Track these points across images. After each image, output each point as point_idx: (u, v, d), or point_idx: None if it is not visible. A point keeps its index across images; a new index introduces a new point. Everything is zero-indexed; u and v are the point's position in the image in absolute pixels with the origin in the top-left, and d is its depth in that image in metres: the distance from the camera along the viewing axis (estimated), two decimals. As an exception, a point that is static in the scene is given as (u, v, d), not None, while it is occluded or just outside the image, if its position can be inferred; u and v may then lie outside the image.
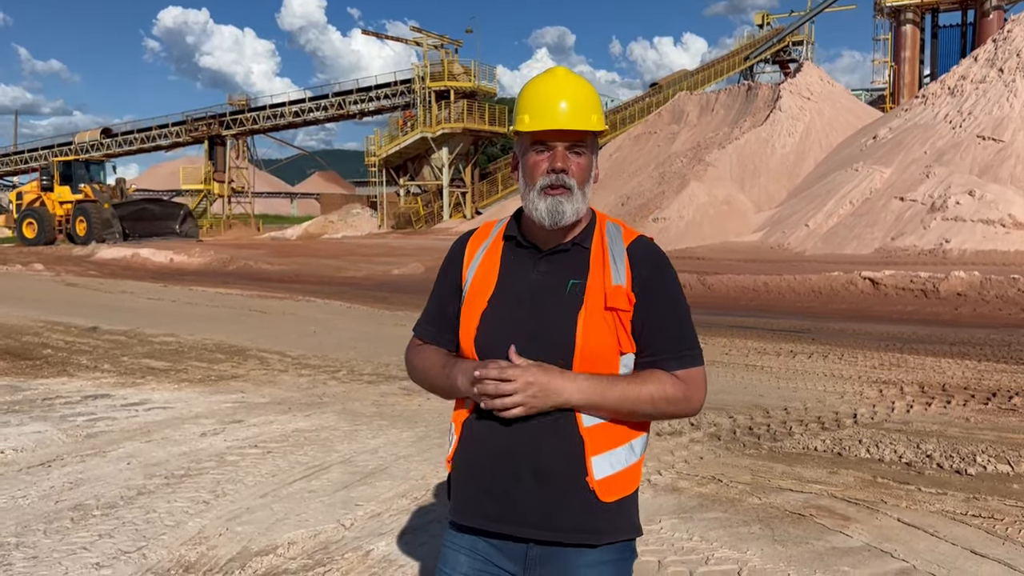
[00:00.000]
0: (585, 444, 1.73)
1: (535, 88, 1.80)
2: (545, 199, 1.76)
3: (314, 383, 7.84)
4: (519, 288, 1.80)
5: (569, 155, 1.77)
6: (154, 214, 38.99)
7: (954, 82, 27.85)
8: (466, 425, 1.82)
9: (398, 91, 44.72)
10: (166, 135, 50.88)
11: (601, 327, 1.73)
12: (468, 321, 1.82)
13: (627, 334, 1.75)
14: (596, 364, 1.73)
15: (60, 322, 12.24)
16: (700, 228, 27.02)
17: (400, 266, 23.37)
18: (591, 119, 1.77)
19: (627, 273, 1.77)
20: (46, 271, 24.32)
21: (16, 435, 5.88)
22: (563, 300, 1.76)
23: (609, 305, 1.74)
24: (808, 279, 15.66)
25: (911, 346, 9.46)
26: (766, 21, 55.06)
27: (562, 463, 1.72)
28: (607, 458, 1.74)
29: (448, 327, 1.89)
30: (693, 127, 39.05)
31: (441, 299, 1.93)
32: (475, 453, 1.79)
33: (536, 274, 1.81)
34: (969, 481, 4.77)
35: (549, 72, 1.83)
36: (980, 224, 20.43)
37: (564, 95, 1.76)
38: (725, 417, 6.26)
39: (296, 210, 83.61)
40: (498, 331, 1.77)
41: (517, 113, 1.81)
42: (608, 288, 1.75)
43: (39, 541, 3.93)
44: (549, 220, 1.76)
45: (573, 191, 1.76)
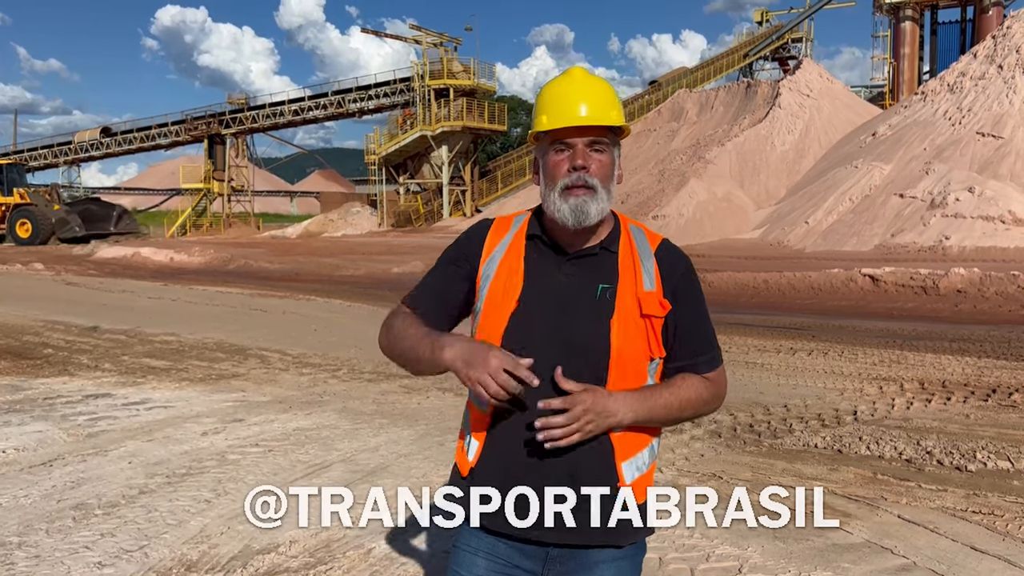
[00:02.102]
0: (615, 451, 1.72)
1: (553, 89, 1.77)
2: (568, 199, 1.72)
3: (315, 382, 7.85)
4: (546, 290, 1.76)
5: (590, 152, 1.73)
6: (96, 214, 41.08)
7: (953, 79, 27.83)
8: (489, 433, 1.77)
9: (397, 89, 44.64)
10: (165, 134, 50.79)
11: (634, 333, 1.72)
12: (497, 319, 1.75)
13: (656, 340, 1.74)
14: (627, 370, 1.72)
15: (61, 321, 12.25)
16: (700, 225, 27.02)
17: (400, 264, 23.36)
18: (610, 115, 1.74)
19: (657, 279, 1.75)
20: (46, 270, 24.32)
21: (17, 434, 5.89)
22: (593, 305, 1.73)
23: (645, 312, 1.72)
24: (808, 276, 15.67)
25: (911, 343, 9.47)
26: (765, 18, 54.97)
27: (596, 471, 1.71)
28: (634, 462, 1.75)
29: (445, 311, 1.84)
30: (692, 124, 39.03)
31: (446, 280, 1.85)
32: (502, 462, 1.75)
33: (562, 276, 1.77)
34: (969, 477, 4.78)
35: (566, 73, 1.81)
36: (980, 221, 20.44)
37: (582, 93, 1.74)
38: (725, 414, 6.26)
39: (296, 209, 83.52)
40: (527, 335, 1.72)
41: (535, 115, 1.78)
42: (641, 294, 1.73)
43: (41, 540, 3.93)
44: (573, 220, 1.72)
45: (596, 190, 1.72)
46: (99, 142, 52.80)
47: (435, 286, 1.87)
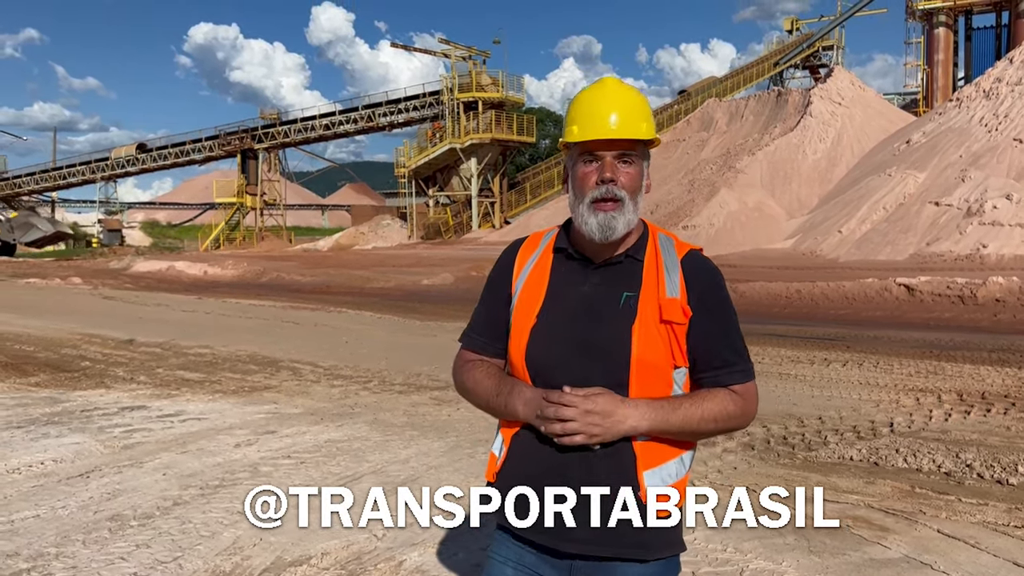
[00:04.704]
0: (637, 459, 1.71)
1: (584, 99, 1.78)
2: (596, 214, 1.73)
3: (346, 393, 7.89)
4: (570, 301, 1.78)
5: (619, 165, 1.75)
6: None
7: (989, 85, 27.42)
8: (516, 439, 1.79)
9: (427, 103, 44.95)
10: (199, 149, 51.60)
11: (656, 340, 1.71)
12: (519, 335, 1.79)
13: (680, 348, 1.73)
14: (650, 378, 1.71)
15: (97, 335, 12.46)
16: (731, 235, 26.83)
17: (430, 276, 23.46)
18: (640, 128, 1.75)
19: (681, 286, 1.74)
20: (83, 284, 24.77)
21: (55, 446, 5.98)
22: (617, 313, 1.74)
23: (664, 318, 1.72)
24: (842, 286, 15.48)
25: (948, 353, 9.30)
26: (795, 26, 54.64)
27: (615, 478, 1.70)
28: (658, 472, 1.73)
29: (498, 336, 1.87)
30: (723, 134, 38.82)
31: (490, 308, 1.90)
32: (526, 467, 1.77)
33: (588, 286, 1.78)
34: (1011, 491, 4.67)
35: (598, 83, 1.81)
36: (1018, 228, 20.06)
37: (613, 104, 1.74)
38: (759, 426, 6.19)
39: (327, 222, 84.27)
40: (550, 344, 1.75)
41: (566, 125, 1.80)
42: (662, 300, 1.73)
43: (78, 551, 3.98)
44: (600, 235, 1.74)
45: (624, 203, 1.74)
46: (135, 158, 53.78)
47: (482, 317, 1.92)
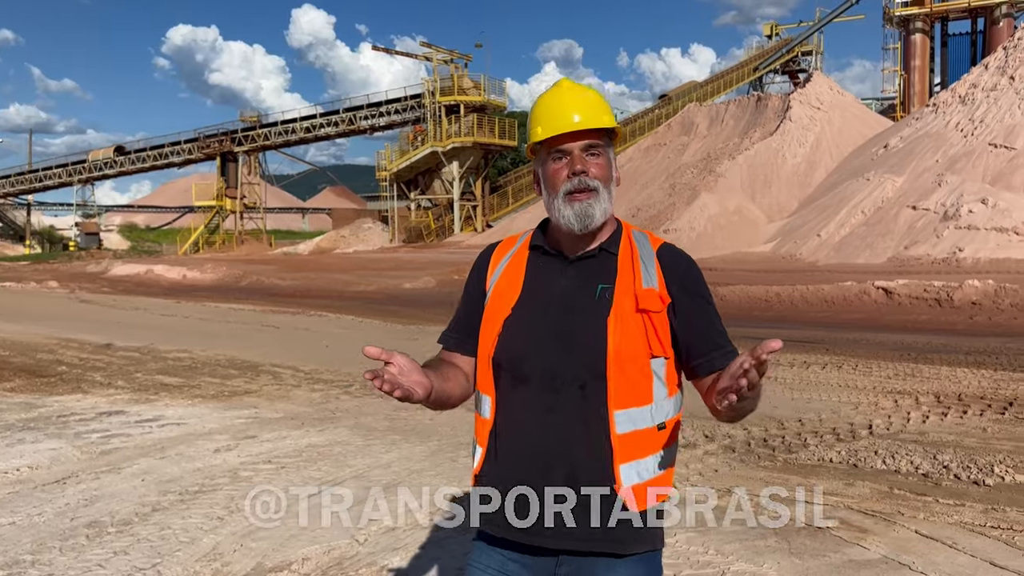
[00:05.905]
0: (614, 452, 1.72)
1: (544, 101, 1.84)
2: (571, 205, 1.78)
3: (327, 398, 7.85)
4: (547, 295, 1.81)
5: (587, 157, 1.79)
6: None
7: (965, 90, 27.76)
8: (491, 437, 1.82)
9: (408, 106, 44.90)
10: (178, 152, 51.24)
11: (632, 330, 1.73)
12: (490, 327, 1.82)
13: (658, 337, 1.75)
14: (627, 368, 1.72)
15: (74, 339, 12.32)
16: (711, 239, 26.98)
17: (411, 280, 23.40)
18: (602, 118, 1.80)
19: (659, 276, 1.78)
20: (60, 288, 24.50)
21: (31, 452, 5.91)
22: (593, 305, 1.76)
23: (641, 307, 1.74)
24: (821, 289, 15.60)
25: (926, 356, 9.40)
26: (775, 31, 55.06)
27: (591, 471, 1.72)
28: (634, 467, 1.73)
29: (472, 333, 1.90)
30: (703, 138, 39.04)
31: (466, 307, 1.94)
32: (504, 464, 1.79)
33: (565, 280, 1.81)
34: (987, 492, 4.72)
35: (555, 85, 1.88)
36: (994, 232, 20.31)
37: (572, 101, 1.81)
38: (739, 429, 6.22)
39: (308, 225, 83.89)
40: (524, 336, 1.78)
41: (530, 128, 1.84)
42: (639, 291, 1.75)
43: (55, 559, 3.94)
44: (579, 225, 1.77)
45: (599, 191, 1.78)
46: (113, 160, 53.32)
47: (461, 316, 1.96)
